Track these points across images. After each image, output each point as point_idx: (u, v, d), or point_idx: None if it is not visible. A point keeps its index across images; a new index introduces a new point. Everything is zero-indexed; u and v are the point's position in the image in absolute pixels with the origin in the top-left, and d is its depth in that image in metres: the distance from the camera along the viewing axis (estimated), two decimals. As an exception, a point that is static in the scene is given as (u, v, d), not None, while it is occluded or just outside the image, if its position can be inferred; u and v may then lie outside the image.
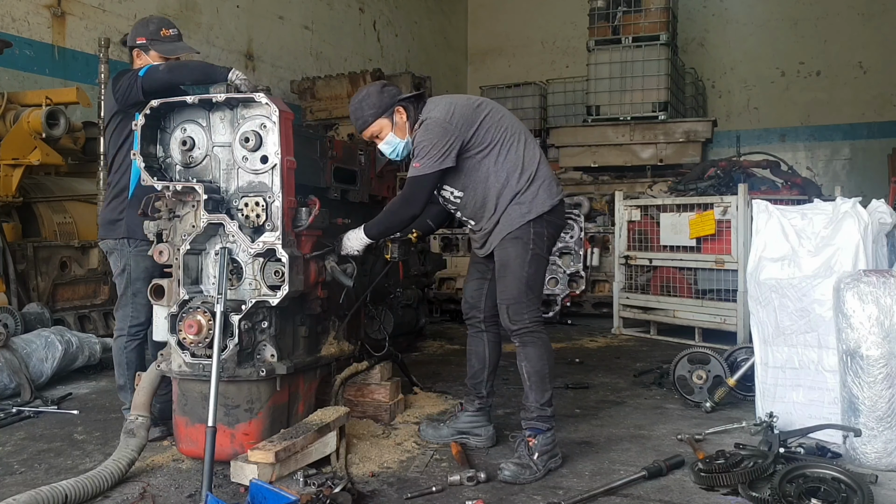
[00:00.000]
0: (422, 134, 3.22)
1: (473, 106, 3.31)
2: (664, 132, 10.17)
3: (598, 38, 10.53)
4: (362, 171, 3.96)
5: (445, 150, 3.18)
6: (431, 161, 3.18)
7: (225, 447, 3.03)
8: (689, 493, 2.95)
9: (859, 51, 13.59)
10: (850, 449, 3.26)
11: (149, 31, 3.69)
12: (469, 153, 3.25)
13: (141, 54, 3.71)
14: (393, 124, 3.32)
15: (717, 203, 6.17)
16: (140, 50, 3.70)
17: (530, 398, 3.23)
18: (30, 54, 7.38)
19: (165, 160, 3.23)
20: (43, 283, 5.72)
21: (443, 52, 15.98)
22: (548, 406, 3.23)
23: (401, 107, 3.31)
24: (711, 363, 4.23)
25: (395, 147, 3.35)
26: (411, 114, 3.31)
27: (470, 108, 3.29)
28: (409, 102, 3.33)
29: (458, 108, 3.26)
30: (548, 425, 3.21)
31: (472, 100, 3.38)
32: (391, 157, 3.42)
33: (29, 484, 3.01)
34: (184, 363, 3.06)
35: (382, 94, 3.30)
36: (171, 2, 9.13)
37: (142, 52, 3.70)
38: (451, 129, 3.19)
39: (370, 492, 2.95)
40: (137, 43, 3.71)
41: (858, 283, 3.21)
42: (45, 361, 4.73)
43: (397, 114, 3.31)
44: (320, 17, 11.99)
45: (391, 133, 3.33)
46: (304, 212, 3.22)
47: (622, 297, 7.06)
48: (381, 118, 3.30)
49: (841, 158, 14.05)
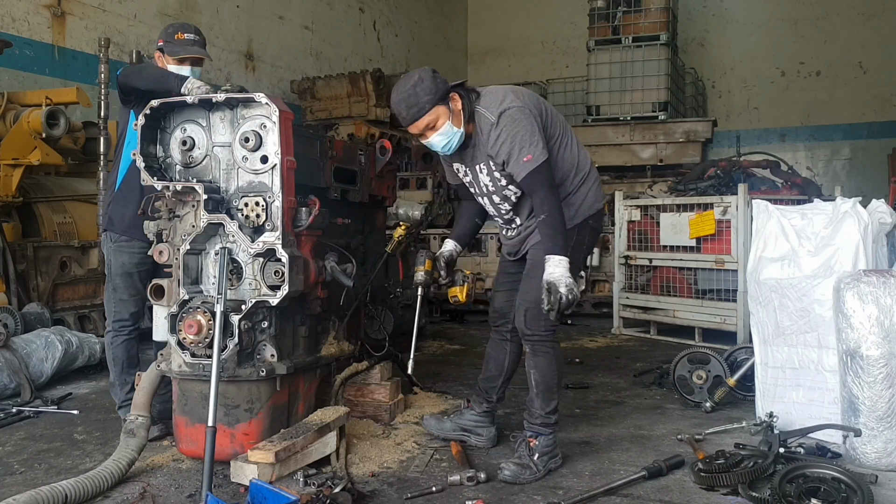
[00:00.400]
0: (510, 125, 2.99)
1: (535, 95, 3.21)
2: (664, 132, 10.17)
3: (598, 38, 10.54)
4: (362, 171, 3.96)
5: (540, 136, 3.01)
6: (539, 148, 2.99)
7: (225, 447, 3.03)
8: (689, 493, 2.95)
9: (859, 51, 13.59)
10: (850, 449, 3.26)
11: (166, 34, 3.82)
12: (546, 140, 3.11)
13: (160, 57, 3.84)
14: (451, 112, 3.05)
15: (717, 203, 6.17)
16: (159, 53, 3.83)
17: (536, 404, 3.21)
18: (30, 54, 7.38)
19: (165, 160, 3.23)
20: (43, 283, 5.72)
21: (443, 52, 15.98)
22: (552, 414, 3.22)
23: (456, 94, 3.06)
24: (711, 363, 4.23)
25: (450, 138, 3.09)
26: (465, 100, 3.08)
27: (534, 97, 3.16)
28: (460, 87, 3.09)
29: (526, 95, 3.12)
30: (550, 430, 3.21)
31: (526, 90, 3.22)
32: (443, 150, 3.17)
33: (29, 484, 3.01)
34: (184, 363, 3.06)
35: (436, 79, 3.02)
36: (171, 2, 9.13)
37: (161, 55, 3.82)
38: (535, 113, 3.04)
39: (370, 492, 2.95)
40: (158, 45, 3.85)
41: (858, 283, 3.21)
42: (45, 361, 4.73)
43: (453, 101, 3.05)
44: (320, 17, 11.99)
45: (448, 122, 3.05)
46: (304, 212, 3.22)
47: (622, 297, 7.07)
48: (439, 105, 3.02)
49: (841, 158, 14.05)
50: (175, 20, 9.12)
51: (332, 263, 3.41)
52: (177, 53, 3.74)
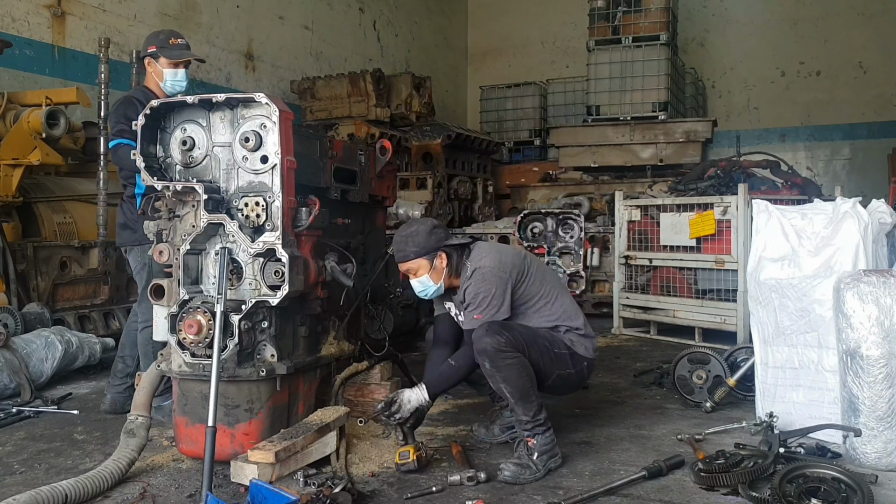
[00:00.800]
0: (478, 283, 3.26)
1: (521, 256, 3.42)
2: (664, 132, 10.18)
3: (598, 38, 10.54)
4: (362, 171, 3.96)
5: (503, 300, 3.24)
6: (493, 311, 3.23)
7: (225, 447, 3.03)
8: (689, 493, 2.95)
9: (859, 51, 13.60)
10: (850, 449, 3.26)
11: (159, 41, 4.05)
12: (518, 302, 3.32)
13: (152, 62, 4.08)
14: (431, 267, 3.37)
15: (717, 203, 6.17)
16: (151, 58, 4.06)
17: (519, 412, 3.22)
18: (30, 54, 7.38)
19: (165, 160, 3.23)
20: (43, 283, 5.72)
21: (443, 52, 15.99)
22: (538, 415, 3.20)
23: (444, 252, 3.37)
24: (711, 363, 4.23)
25: (426, 288, 3.41)
26: (453, 261, 3.39)
27: (519, 258, 3.39)
28: (454, 249, 3.40)
29: (508, 257, 3.35)
30: (544, 428, 3.21)
31: (517, 249, 3.51)
32: (420, 295, 3.46)
33: (29, 484, 3.01)
34: (184, 363, 3.06)
35: (430, 236, 3.35)
36: (171, 2, 9.13)
37: (153, 59, 4.06)
38: (504, 277, 3.27)
39: (370, 492, 2.96)
40: (149, 52, 4.07)
41: (858, 283, 3.21)
42: (45, 361, 4.73)
43: (438, 258, 3.36)
44: (320, 17, 11.99)
45: (427, 275, 3.37)
46: (304, 212, 3.22)
47: (622, 296, 7.06)
48: (422, 258, 3.35)
49: (841, 158, 14.06)
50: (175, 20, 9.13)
51: (332, 263, 3.41)
52: (175, 57, 4.01)
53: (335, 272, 3.39)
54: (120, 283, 6.27)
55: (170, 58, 4.00)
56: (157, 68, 4.07)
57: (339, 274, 3.40)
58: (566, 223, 7.36)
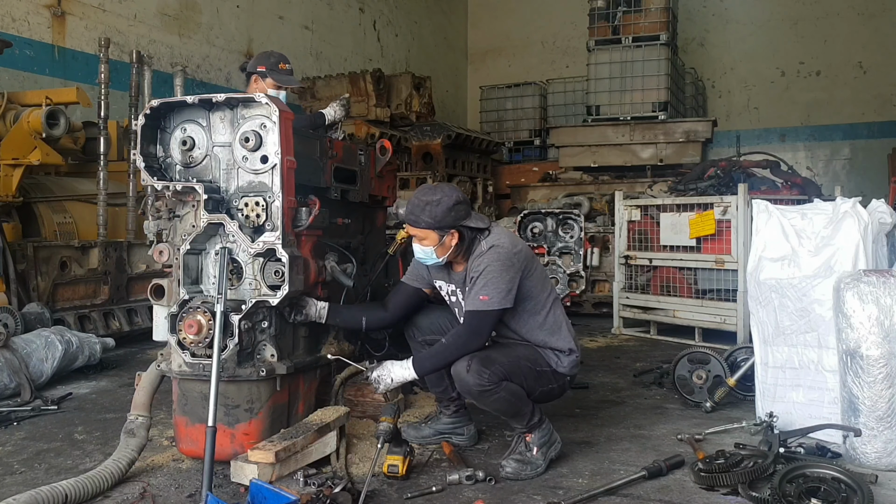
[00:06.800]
0: (492, 259, 3.12)
1: (531, 253, 3.37)
2: (664, 132, 10.18)
3: (598, 38, 10.55)
4: (362, 171, 3.96)
5: (511, 285, 3.13)
6: (500, 296, 3.10)
7: (225, 447, 3.03)
8: (689, 493, 2.95)
9: (859, 51, 13.60)
10: (850, 449, 3.26)
11: (269, 63, 4.37)
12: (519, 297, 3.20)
13: (258, 80, 4.37)
14: (440, 242, 3.20)
15: (717, 203, 6.16)
16: (258, 76, 4.36)
17: (513, 424, 3.24)
18: (30, 54, 7.38)
19: (165, 160, 3.23)
20: (43, 283, 5.72)
21: (443, 52, 15.99)
22: (534, 417, 3.19)
23: (458, 232, 3.20)
24: (711, 363, 4.23)
25: (427, 257, 3.26)
26: (464, 241, 3.22)
27: (530, 253, 3.34)
28: (469, 231, 3.23)
29: (522, 246, 3.28)
30: (539, 422, 3.21)
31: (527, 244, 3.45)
32: (419, 258, 3.32)
33: (29, 484, 3.01)
34: (184, 363, 3.06)
35: (449, 212, 3.16)
36: (172, 2, 9.13)
37: (259, 78, 4.36)
38: (517, 264, 3.16)
39: (370, 492, 2.95)
40: (258, 70, 4.37)
41: (858, 283, 3.21)
42: (45, 361, 4.72)
43: (450, 236, 3.20)
44: (320, 17, 12.00)
45: (432, 247, 3.21)
46: (304, 212, 3.22)
47: (622, 296, 7.06)
48: (434, 231, 3.19)
49: (841, 158, 14.07)
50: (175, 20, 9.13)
51: (332, 263, 3.41)
52: (284, 83, 4.36)
53: (335, 272, 3.39)
54: (120, 283, 6.27)
55: (277, 82, 4.33)
56: (262, 86, 4.34)
57: (339, 274, 3.40)
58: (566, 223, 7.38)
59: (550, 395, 3.32)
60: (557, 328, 3.31)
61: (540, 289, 3.30)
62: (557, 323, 3.32)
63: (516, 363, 3.15)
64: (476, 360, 3.03)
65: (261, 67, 4.36)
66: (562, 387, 3.36)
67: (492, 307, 3.10)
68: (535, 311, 3.27)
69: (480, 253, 3.18)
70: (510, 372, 3.10)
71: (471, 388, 3.04)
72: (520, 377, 3.14)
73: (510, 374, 3.09)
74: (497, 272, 3.11)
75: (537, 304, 3.28)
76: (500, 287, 3.10)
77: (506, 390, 3.07)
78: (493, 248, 3.15)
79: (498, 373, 3.05)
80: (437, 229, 3.17)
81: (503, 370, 3.07)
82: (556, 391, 3.34)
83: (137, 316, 6.36)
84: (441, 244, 3.21)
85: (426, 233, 3.20)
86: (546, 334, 3.29)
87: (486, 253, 3.15)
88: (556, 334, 3.30)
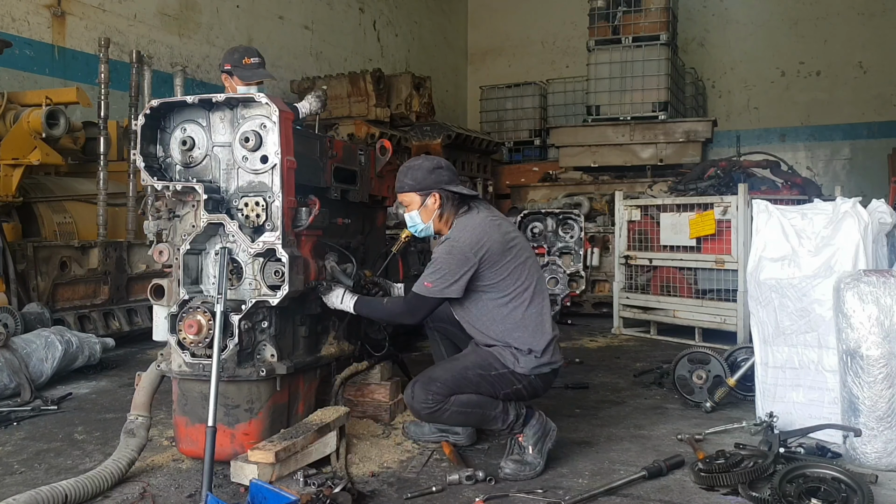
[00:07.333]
0: (444, 252, 3.16)
1: (508, 240, 3.23)
2: (664, 132, 10.18)
3: (598, 38, 10.54)
4: (362, 170, 3.96)
5: (456, 278, 3.13)
6: (443, 285, 3.14)
7: (225, 447, 3.03)
8: (689, 493, 2.95)
9: (859, 51, 13.60)
10: (850, 449, 3.26)
11: (233, 59, 4.29)
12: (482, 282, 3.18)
13: (227, 78, 4.31)
14: (422, 204, 3.29)
15: (717, 203, 6.17)
16: (226, 75, 4.30)
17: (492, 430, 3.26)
18: (30, 54, 7.38)
19: (165, 160, 3.23)
20: (43, 283, 5.72)
21: (443, 52, 15.99)
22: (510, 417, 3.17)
23: (438, 193, 3.26)
24: (711, 363, 4.23)
25: (416, 224, 3.36)
26: (446, 207, 3.28)
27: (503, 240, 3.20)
28: (452, 196, 3.28)
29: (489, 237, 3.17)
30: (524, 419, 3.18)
31: (508, 236, 3.25)
32: (411, 230, 3.43)
33: (29, 484, 3.01)
34: (184, 363, 3.06)
35: (430, 174, 3.26)
36: (172, 2, 9.13)
37: (228, 77, 4.29)
38: (472, 260, 3.13)
39: (370, 492, 2.95)
40: (225, 69, 4.32)
41: (858, 283, 3.21)
42: (45, 361, 4.72)
43: (432, 197, 3.27)
44: (320, 17, 12.00)
45: (417, 211, 3.31)
46: (304, 212, 3.22)
47: (622, 296, 7.06)
48: (416, 193, 3.29)
49: (841, 158, 14.06)
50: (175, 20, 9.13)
51: (332, 263, 3.41)
52: (248, 78, 4.23)
53: (335, 272, 3.39)
54: (120, 283, 6.28)
55: (242, 78, 4.23)
56: (232, 85, 4.28)
57: (339, 274, 3.40)
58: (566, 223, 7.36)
59: (519, 396, 3.22)
60: (523, 325, 3.19)
61: (511, 282, 3.19)
62: (526, 320, 3.20)
63: (462, 374, 3.14)
64: (417, 385, 3.10)
65: (227, 66, 4.32)
66: (530, 386, 3.23)
67: (433, 295, 3.17)
68: (502, 303, 3.20)
69: (444, 238, 3.25)
70: (456, 385, 3.10)
71: (420, 412, 3.13)
72: (470, 387, 3.12)
73: (456, 387, 3.09)
74: (446, 264, 3.15)
75: (504, 297, 3.19)
76: (447, 279, 3.14)
77: (455, 404, 3.09)
78: (448, 241, 3.20)
79: (440, 391, 3.07)
80: (418, 191, 3.28)
81: (446, 387, 3.08)
82: (524, 392, 3.22)
83: (137, 316, 6.36)
84: (424, 206, 3.29)
85: (410, 197, 3.31)
86: (505, 329, 3.20)
87: (444, 243, 3.22)
88: (518, 331, 3.19)
